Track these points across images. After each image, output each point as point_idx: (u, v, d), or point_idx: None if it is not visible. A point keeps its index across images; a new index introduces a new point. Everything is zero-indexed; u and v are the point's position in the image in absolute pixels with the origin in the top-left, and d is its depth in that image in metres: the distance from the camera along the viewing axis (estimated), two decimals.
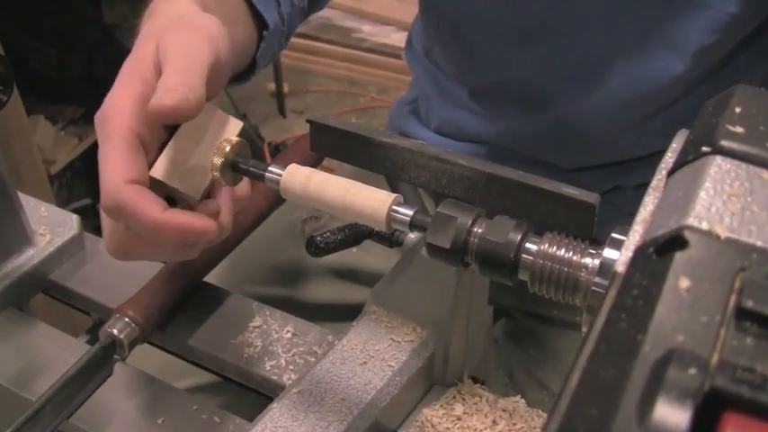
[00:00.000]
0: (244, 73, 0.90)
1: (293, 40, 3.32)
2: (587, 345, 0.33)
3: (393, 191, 0.83)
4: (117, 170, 0.62)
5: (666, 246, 0.36)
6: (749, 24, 0.98)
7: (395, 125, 1.28)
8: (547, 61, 1.03)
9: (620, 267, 0.39)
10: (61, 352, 0.82)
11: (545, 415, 0.74)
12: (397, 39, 3.27)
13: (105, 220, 0.68)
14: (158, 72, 0.65)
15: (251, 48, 0.89)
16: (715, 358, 0.30)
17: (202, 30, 0.67)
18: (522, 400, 0.75)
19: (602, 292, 0.49)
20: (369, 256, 1.12)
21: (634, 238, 0.41)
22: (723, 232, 0.36)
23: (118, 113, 0.65)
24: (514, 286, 0.60)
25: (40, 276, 0.89)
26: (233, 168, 0.64)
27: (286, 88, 3.26)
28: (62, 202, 2.41)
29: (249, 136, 2.76)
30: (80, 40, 2.57)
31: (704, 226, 0.37)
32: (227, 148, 0.64)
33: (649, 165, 1.05)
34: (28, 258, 0.88)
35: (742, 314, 0.31)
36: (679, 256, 0.35)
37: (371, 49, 3.38)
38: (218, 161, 0.63)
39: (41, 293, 0.92)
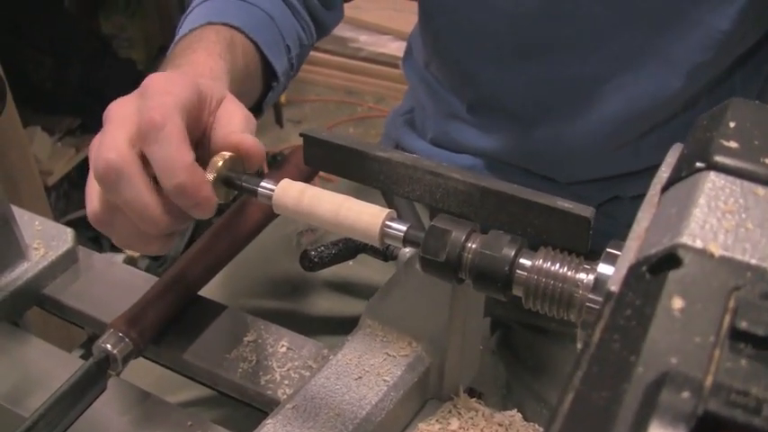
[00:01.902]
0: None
1: None
2: (580, 365, 0.33)
3: (389, 204, 0.83)
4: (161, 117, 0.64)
5: (660, 264, 0.36)
6: (743, 42, 0.98)
7: (390, 136, 1.28)
8: (543, 78, 1.03)
9: (614, 286, 0.38)
10: (55, 367, 0.81)
11: (541, 429, 0.74)
12: (394, 48, 3.27)
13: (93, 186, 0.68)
14: None
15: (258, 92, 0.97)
16: (709, 381, 0.29)
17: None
18: (519, 414, 0.75)
19: (596, 309, 0.48)
20: (364, 269, 1.11)
21: (628, 255, 0.40)
22: (717, 250, 0.36)
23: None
24: (511, 299, 0.59)
25: (34, 290, 0.89)
26: (226, 183, 0.64)
27: (283, 98, 3.25)
28: (59, 214, 2.40)
29: None
30: (77, 52, 2.57)
31: (698, 244, 0.36)
32: (220, 163, 0.63)
33: (647, 176, 1.05)
34: (22, 272, 0.88)
35: (736, 335, 0.31)
36: (672, 275, 0.35)
37: (368, 58, 3.38)
38: (210, 176, 0.63)
39: (37, 307, 0.91)
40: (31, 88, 2.48)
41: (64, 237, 0.92)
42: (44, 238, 0.91)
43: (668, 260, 0.35)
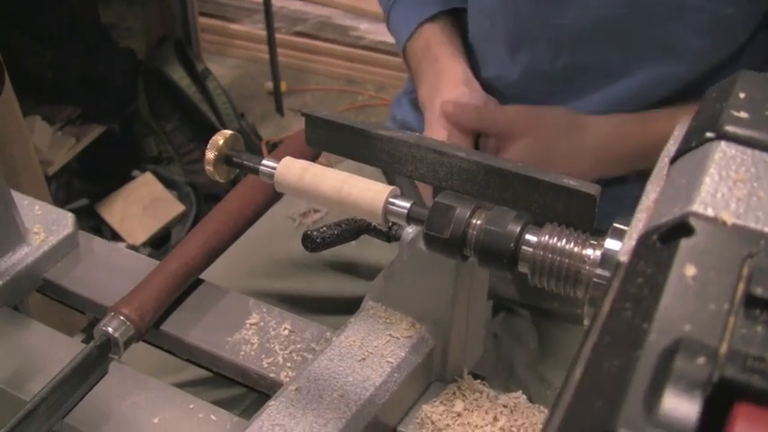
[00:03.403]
0: None
1: (290, 38, 3.37)
2: (591, 336, 0.32)
3: (390, 185, 0.82)
4: None
5: (671, 233, 0.35)
6: (748, 25, 0.97)
7: (396, 117, 1.28)
8: (542, 65, 1.03)
9: (623, 257, 0.38)
10: (56, 351, 0.81)
11: (547, 411, 0.73)
12: None
13: None
14: None
15: None
16: (724, 347, 0.28)
17: None
18: (524, 396, 0.74)
19: (604, 284, 0.48)
20: (368, 250, 1.11)
21: (637, 227, 0.40)
22: (729, 218, 0.35)
23: None
24: (514, 279, 0.58)
25: (35, 275, 0.88)
26: (226, 162, 0.63)
27: (284, 87, 3.25)
28: (60, 204, 2.40)
29: (246, 134, 2.75)
30: (77, 41, 2.56)
31: (710, 212, 0.36)
32: (221, 142, 0.63)
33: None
34: (22, 257, 0.87)
35: (751, 302, 0.30)
36: (684, 244, 0.34)
37: (369, 47, 3.37)
38: (211, 155, 0.62)
39: (37, 294, 0.90)
40: (31, 78, 2.47)
41: (64, 221, 0.91)
42: (44, 223, 0.91)
43: (680, 228, 0.35)
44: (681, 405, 0.26)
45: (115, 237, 2.49)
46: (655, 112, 1.01)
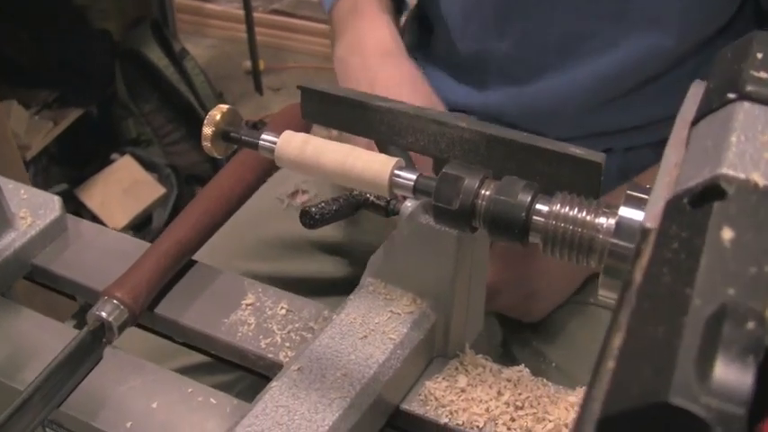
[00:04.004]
0: None
1: (268, 16, 3.35)
2: (626, 302, 0.31)
3: None
4: None
5: (702, 196, 0.34)
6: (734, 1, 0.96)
7: None
8: (527, 36, 1.02)
9: (650, 223, 0.37)
10: (48, 338, 0.79)
11: (550, 384, 0.72)
12: None
13: None
14: None
15: None
16: None
17: None
18: (527, 370, 0.73)
19: (620, 252, 0.47)
20: (356, 231, 1.10)
21: (660, 192, 0.39)
22: (761, 180, 0.34)
23: None
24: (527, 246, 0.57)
25: (23, 260, 0.86)
26: (224, 138, 0.62)
27: (262, 65, 3.22)
28: (38, 188, 2.36)
29: None
30: (51, 24, 2.53)
31: (740, 174, 0.34)
32: (218, 117, 0.61)
33: (638, 132, 1.05)
34: (9, 242, 0.85)
35: None
36: (717, 206, 0.33)
37: None
38: (208, 131, 0.60)
39: (24, 281, 0.88)
40: (6, 62, 2.43)
41: (51, 205, 0.89)
42: (31, 207, 0.89)
43: (711, 191, 0.34)
44: (734, 371, 0.25)
45: (96, 221, 2.46)
46: None
